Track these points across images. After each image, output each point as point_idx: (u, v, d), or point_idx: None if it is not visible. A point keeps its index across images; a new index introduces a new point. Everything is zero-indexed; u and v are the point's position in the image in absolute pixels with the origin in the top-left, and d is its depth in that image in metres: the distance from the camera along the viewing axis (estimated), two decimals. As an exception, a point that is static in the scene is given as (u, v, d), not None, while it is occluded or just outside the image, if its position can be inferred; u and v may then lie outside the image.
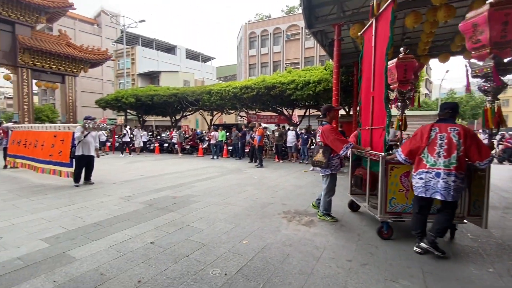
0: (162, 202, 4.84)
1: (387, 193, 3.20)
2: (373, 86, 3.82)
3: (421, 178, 2.76)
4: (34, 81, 17.57)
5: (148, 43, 36.96)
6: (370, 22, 4.04)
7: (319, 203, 4.09)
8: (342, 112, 13.71)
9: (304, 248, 2.95)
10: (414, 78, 4.30)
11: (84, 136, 6.14)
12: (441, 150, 2.70)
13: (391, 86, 4.30)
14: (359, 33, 5.27)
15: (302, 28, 28.85)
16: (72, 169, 6.02)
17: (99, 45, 29.56)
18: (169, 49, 39.67)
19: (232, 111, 18.32)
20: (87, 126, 6.06)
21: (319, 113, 15.96)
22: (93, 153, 6.36)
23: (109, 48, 21.47)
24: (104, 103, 19.41)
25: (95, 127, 6.18)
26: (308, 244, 3.07)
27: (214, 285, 2.24)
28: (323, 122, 3.94)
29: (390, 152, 3.95)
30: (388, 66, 3.94)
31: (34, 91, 18.16)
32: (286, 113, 16.07)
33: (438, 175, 2.66)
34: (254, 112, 17.29)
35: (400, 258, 2.74)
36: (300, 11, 34.39)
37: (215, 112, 18.96)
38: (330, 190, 3.89)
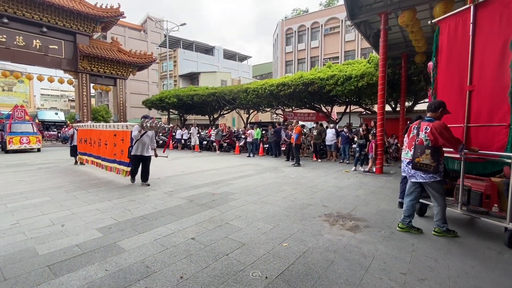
0: (202, 199, 4.95)
1: None
2: (471, 79, 3.49)
3: None
4: (91, 84, 19.59)
5: (188, 45, 38.73)
6: (464, 8, 3.63)
7: (407, 223, 3.41)
8: (388, 108, 12.74)
9: (350, 256, 2.72)
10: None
11: (141, 136, 5.93)
12: None
13: None
14: (429, 22, 4.67)
15: (342, 20, 27.52)
16: (129, 169, 6.04)
17: (145, 49, 31.87)
18: (208, 50, 41.08)
19: (268, 109, 18.25)
20: (144, 125, 5.75)
21: (360, 110, 15.11)
22: (148, 153, 6.11)
23: (153, 52, 23.03)
24: (149, 104, 20.83)
25: (152, 126, 5.81)
26: (354, 251, 2.83)
27: (255, 288, 2.17)
28: (427, 118, 3.28)
29: None
30: None
31: (91, 94, 20.24)
32: (325, 110, 15.47)
33: None
34: (290, 109, 16.99)
35: (467, 276, 2.36)
36: (340, 2, 32.86)
37: (251, 111, 19.09)
38: (443, 199, 3.23)
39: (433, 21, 4.19)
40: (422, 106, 14.79)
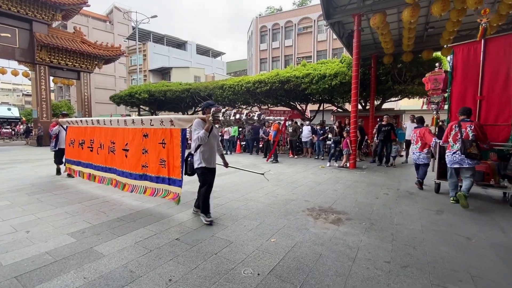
0: (183, 198, 4.76)
1: None
2: (481, 91, 5.11)
3: None
4: (51, 77, 17.96)
5: (159, 39, 37.13)
6: (475, 40, 5.26)
7: (455, 194, 4.53)
8: (359, 107, 13.34)
9: (337, 248, 2.81)
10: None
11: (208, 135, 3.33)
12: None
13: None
14: (445, 45, 6.36)
15: (314, 20, 28.23)
16: (180, 189, 3.55)
17: (112, 41, 29.96)
18: (180, 44, 39.76)
19: (245, 106, 18.19)
20: (223, 117, 3.21)
21: (333, 107, 15.65)
22: (215, 164, 3.64)
23: (121, 45, 21.67)
24: (118, 99, 19.65)
25: (238, 120, 3.20)
26: (340, 243, 2.92)
27: (248, 286, 2.14)
28: (466, 119, 4.43)
29: None
30: None
31: (51, 88, 18.58)
32: (300, 108, 15.80)
33: None
34: (266, 107, 17.11)
35: (443, 261, 2.56)
36: (312, 3, 33.65)
37: (227, 107, 18.84)
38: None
39: (449, 45, 5.74)
40: (389, 104, 15.75)
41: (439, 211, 4.13)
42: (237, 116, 3.19)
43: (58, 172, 6.72)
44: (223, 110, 3.27)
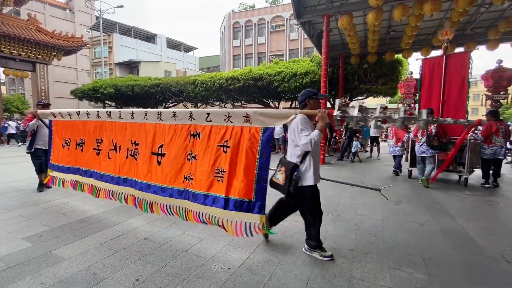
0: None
1: None
2: (443, 96, 6.34)
3: None
4: (1, 69, 16.22)
5: (126, 30, 35.17)
6: (439, 55, 6.72)
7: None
8: (328, 105, 13.85)
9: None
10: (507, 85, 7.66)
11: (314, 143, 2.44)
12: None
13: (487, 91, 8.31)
14: (416, 59, 7.33)
15: (286, 19, 28.64)
16: (259, 217, 2.37)
17: (73, 31, 27.80)
18: (149, 37, 38.02)
19: (217, 103, 18.00)
20: (347, 113, 2.43)
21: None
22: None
23: (83, 35, 20.16)
24: (80, 94, 18.35)
25: (364, 118, 2.42)
26: (308, 235, 3.05)
27: (218, 281, 2.16)
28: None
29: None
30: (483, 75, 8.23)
31: (1, 80, 16.78)
32: (273, 105, 16.01)
33: None
34: (240, 104, 17.08)
35: (400, 246, 2.79)
36: (284, 1, 34.08)
37: (200, 104, 18.53)
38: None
39: (417, 58, 7.00)
40: (356, 103, 16.57)
41: (398, 202, 4.47)
42: (369, 114, 2.41)
43: (41, 184, 4.85)
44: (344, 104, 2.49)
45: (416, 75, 9.20)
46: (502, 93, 7.76)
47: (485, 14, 8.25)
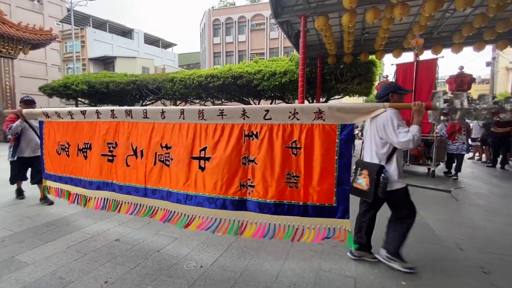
0: (125, 197, 4.52)
1: None
2: (414, 98, 6.51)
3: None
4: (-43, 62, 14.95)
5: (100, 24, 33.61)
6: (411, 61, 7.78)
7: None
8: (306, 103, 14.13)
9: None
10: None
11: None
12: None
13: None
14: (391, 64, 7.42)
15: (267, 18, 28.75)
16: (343, 222, 2.16)
17: (41, 23, 26.17)
18: (125, 32, 36.60)
19: (197, 101, 17.76)
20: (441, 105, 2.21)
21: (284, 104, 16.31)
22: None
23: (53, 28, 19.01)
24: (50, 90, 17.32)
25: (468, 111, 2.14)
26: (281, 230, 3.14)
27: (190, 279, 2.18)
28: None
29: None
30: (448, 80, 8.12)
31: (-43, 74, 15.49)
32: (253, 104, 16.08)
33: None
34: (220, 102, 16.97)
35: (366, 238, 2.95)
36: (264, 0, 34.18)
37: (178, 102, 18.18)
38: None
39: (392, 64, 7.13)
40: (334, 102, 17.08)
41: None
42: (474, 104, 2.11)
43: (20, 193, 4.31)
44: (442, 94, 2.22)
45: (391, 78, 10.33)
46: (467, 93, 8.66)
47: (450, 19, 8.79)
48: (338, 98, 13.35)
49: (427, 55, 10.40)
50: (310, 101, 14.83)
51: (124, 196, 2.82)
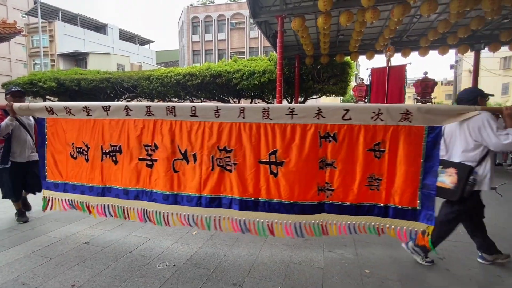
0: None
1: None
2: (386, 99, 7.80)
3: None
4: None
5: (71, 18, 31.82)
6: (383, 66, 8.85)
7: None
8: (285, 102, 14.34)
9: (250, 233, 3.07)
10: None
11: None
12: None
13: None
14: (367, 69, 7.64)
15: (246, 17, 28.76)
16: (426, 227, 2.03)
17: (4, 16, 24.34)
18: (98, 27, 34.96)
19: (176, 99, 17.41)
20: None
21: (264, 103, 16.46)
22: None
23: (17, 21, 17.73)
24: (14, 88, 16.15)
25: None
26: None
27: (162, 278, 2.17)
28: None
29: None
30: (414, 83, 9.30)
31: None
32: (232, 103, 16.06)
33: None
34: (199, 100, 16.77)
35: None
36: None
37: (156, 100, 17.72)
38: None
39: (367, 68, 7.80)
40: (312, 102, 17.49)
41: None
42: None
43: (22, 213, 3.44)
44: None
45: (366, 81, 11.41)
46: (427, 97, 9.75)
47: (417, 24, 9.33)
48: (315, 98, 13.69)
49: (397, 57, 10.97)
50: (289, 100, 15.09)
51: (172, 207, 2.40)
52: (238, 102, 16.36)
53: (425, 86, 9.39)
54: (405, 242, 2.46)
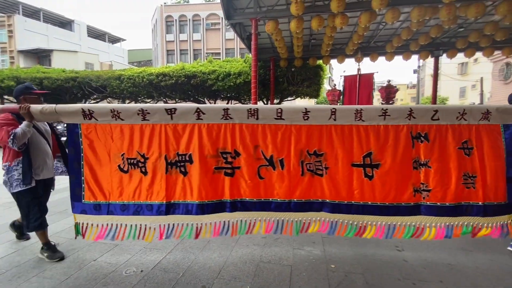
0: (61, 205, 4.12)
1: None
2: (358, 102, 8.68)
3: None
4: None
5: (32, 13, 29.64)
6: (355, 74, 9.93)
7: None
8: (260, 103, 14.48)
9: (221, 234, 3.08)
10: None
11: None
12: None
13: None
14: (340, 75, 7.80)
15: (222, 18, 28.65)
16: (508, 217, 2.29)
17: (-49, 6, 22.16)
18: (64, 23, 32.91)
19: (149, 100, 16.87)
20: None
21: (240, 104, 16.49)
22: None
23: (-32, 13, 16.17)
24: (-35, 86, 14.70)
25: None
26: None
27: (128, 284, 2.12)
28: None
29: None
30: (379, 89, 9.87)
31: None
32: (209, 104, 15.90)
33: None
34: (174, 101, 16.40)
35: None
36: (219, 0, 34.05)
37: (127, 101, 17.03)
38: None
39: (341, 75, 8.37)
40: (287, 104, 17.81)
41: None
42: None
43: (52, 248, 2.58)
44: None
45: (338, 86, 12.82)
46: (390, 102, 10.86)
47: (383, 30, 9.91)
48: (290, 100, 13.97)
49: (366, 61, 11.55)
50: (265, 102, 15.25)
51: (259, 213, 2.26)
52: (214, 103, 16.24)
53: (389, 92, 10.74)
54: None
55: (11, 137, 2.21)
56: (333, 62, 12.84)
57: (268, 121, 2.17)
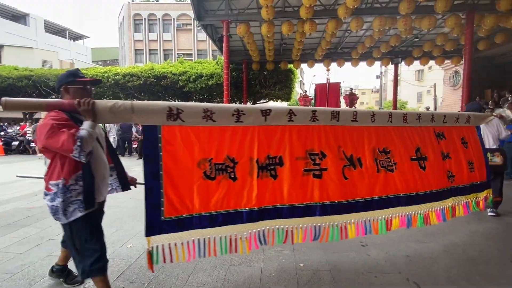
0: (10, 217, 3.73)
1: None
2: (327, 105, 10.94)
3: None
4: None
5: (-22, 3, 26.65)
6: (324, 83, 12.13)
7: None
8: (234, 106, 14.42)
9: (194, 238, 3.00)
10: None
11: None
12: None
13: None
14: (311, 82, 8.48)
15: (193, 18, 28.21)
16: (490, 191, 3.11)
17: None
18: (17, 17, 30.02)
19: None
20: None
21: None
22: None
23: None
24: None
25: None
26: (197, 233, 3.14)
27: (87, 299, 1.96)
28: None
29: None
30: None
31: None
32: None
33: None
34: (142, 103, 15.74)
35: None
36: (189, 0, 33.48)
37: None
38: None
39: (312, 82, 9.83)
40: (260, 106, 18.00)
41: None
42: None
43: None
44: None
45: (309, 93, 15.30)
46: (353, 107, 12.77)
47: (349, 38, 10.45)
48: (263, 102, 14.11)
49: (334, 66, 12.10)
50: (238, 104, 15.23)
51: (347, 216, 2.21)
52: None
53: (351, 99, 12.64)
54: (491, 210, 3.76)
55: (78, 143, 1.55)
56: (304, 66, 13.30)
57: (346, 123, 2.30)
